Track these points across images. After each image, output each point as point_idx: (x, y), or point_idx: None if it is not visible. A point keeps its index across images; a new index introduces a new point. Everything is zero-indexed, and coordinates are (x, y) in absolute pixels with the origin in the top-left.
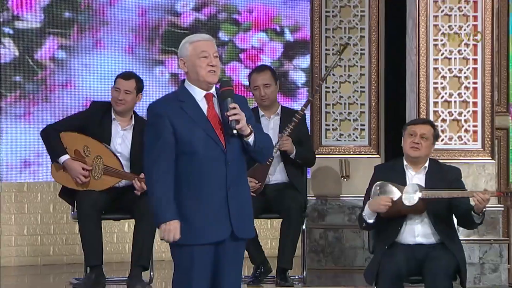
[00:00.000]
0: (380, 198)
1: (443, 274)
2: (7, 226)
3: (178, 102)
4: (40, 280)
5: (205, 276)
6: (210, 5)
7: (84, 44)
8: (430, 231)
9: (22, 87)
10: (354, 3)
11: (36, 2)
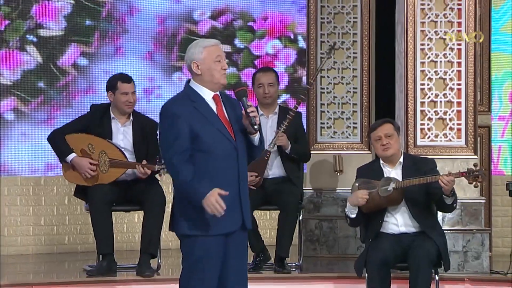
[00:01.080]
0: (357, 192)
1: (425, 260)
2: (26, 217)
3: (190, 102)
4: (56, 267)
5: (217, 266)
6: (226, 13)
7: (105, 51)
8: (410, 221)
9: (45, 93)
10: (347, 10)
11: (58, 10)
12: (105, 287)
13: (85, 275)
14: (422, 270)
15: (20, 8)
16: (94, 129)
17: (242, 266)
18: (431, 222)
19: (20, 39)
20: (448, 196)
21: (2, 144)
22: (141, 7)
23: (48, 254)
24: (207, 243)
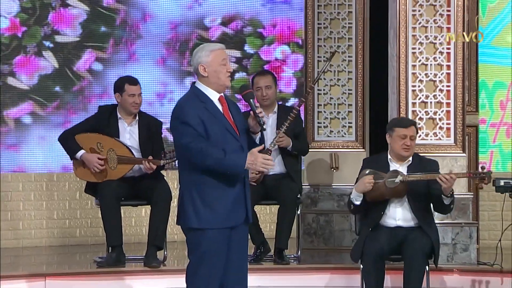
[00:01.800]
0: (364, 178)
1: (420, 253)
2: (39, 211)
3: (201, 102)
4: (68, 258)
5: (223, 257)
6: (237, 20)
7: (119, 56)
8: (409, 216)
9: (61, 97)
10: (342, 16)
11: (74, 17)
12: (114, 278)
13: (95, 266)
14: (417, 263)
15: (37, 15)
16: (102, 128)
17: (243, 258)
18: (428, 218)
19: (37, 45)
20: (447, 196)
21: (19, 146)
22: (154, 14)
23: (60, 246)
24: (214, 236)
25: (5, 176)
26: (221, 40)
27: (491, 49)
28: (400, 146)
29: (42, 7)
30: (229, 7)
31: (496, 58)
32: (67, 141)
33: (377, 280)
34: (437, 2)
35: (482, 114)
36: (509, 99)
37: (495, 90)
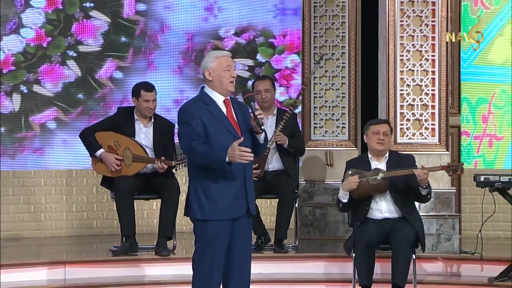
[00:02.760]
0: (349, 178)
1: (406, 242)
2: (60, 204)
3: (204, 105)
4: (86, 248)
5: (225, 246)
6: (249, 30)
7: (138, 65)
8: (393, 208)
9: (84, 103)
10: (336, 26)
11: (96, 28)
12: (128, 265)
13: (110, 254)
14: (403, 251)
15: (61, 26)
16: (120, 128)
17: (246, 247)
18: (411, 209)
19: (61, 54)
20: (423, 187)
21: (44, 150)
22: (172, 25)
23: (78, 236)
24: (216, 226)
25: (28, 173)
26: (234, 49)
27: (473, 68)
28: (375, 141)
29: (66, 19)
30: (242, 19)
31: (478, 76)
32: (87, 138)
33: (368, 267)
34: (423, 13)
35: (466, 128)
36: (491, 112)
37: (477, 106)
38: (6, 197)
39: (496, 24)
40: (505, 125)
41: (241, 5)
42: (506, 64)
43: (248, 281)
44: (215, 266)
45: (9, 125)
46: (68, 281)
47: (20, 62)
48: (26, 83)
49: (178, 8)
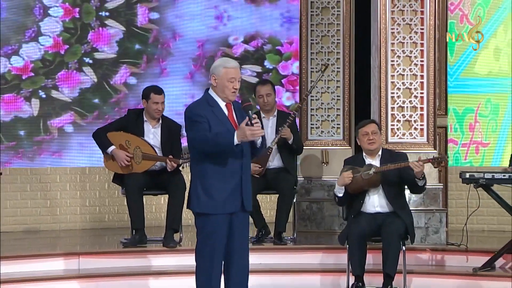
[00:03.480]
0: (343, 173)
1: (395, 235)
2: (74, 199)
3: (209, 106)
4: (98, 240)
5: (224, 238)
6: (257, 38)
7: (152, 71)
8: (385, 202)
9: (100, 108)
10: (332, 33)
11: (111, 36)
12: (137, 256)
13: (121, 246)
14: (393, 243)
15: (78, 34)
16: (130, 128)
17: (244, 240)
18: (401, 203)
19: (78, 61)
20: (420, 179)
21: (62, 152)
22: (183, 33)
23: (91, 229)
24: (215, 220)
25: (45, 170)
26: (243, 56)
27: (460, 81)
28: (366, 142)
29: (82, 27)
30: (251, 27)
31: (464, 88)
32: (100, 137)
33: (361, 258)
34: (412, 21)
35: (454, 136)
36: (477, 121)
37: (464, 116)
38: (24, 193)
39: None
40: (490, 132)
41: (249, 14)
42: (491, 75)
43: (247, 271)
44: (215, 257)
45: (29, 128)
46: (82, 271)
47: (39, 69)
48: (44, 89)
49: (189, 17)
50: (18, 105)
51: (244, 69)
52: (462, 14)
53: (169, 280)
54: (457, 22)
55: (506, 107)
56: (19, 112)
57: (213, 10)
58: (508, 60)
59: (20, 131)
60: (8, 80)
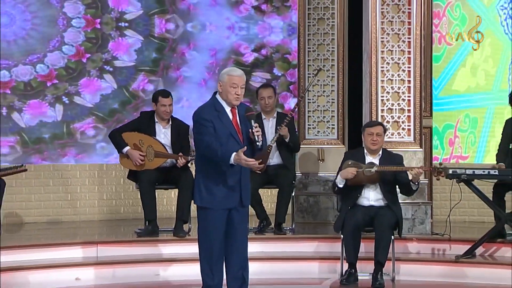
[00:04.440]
0: (349, 168)
1: (387, 226)
2: (92, 193)
3: (216, 111)
4: (114, 230)
5: (221, 231)
6: (267, 47)
7: (168, 78)
8: (380, 197)
9: (119, 113)
10: (327, 42)
11: (130, 45)
12: (150, 245)
13: (135, 235)
14: (385, 234)
15: (99, 43)
16: (143, 129)
17: (243, 233)
18: (394, 199)
19: (99, 69)
20: (415, 183)
21: (84, 154)
22: (198, 43)
23: (108, 220)
24: (213, 214)
25: (66, 166)
26: (253, 64)
27: (439, 99)
28: (369, 141)
29: (103, 37)
30: (261, 37)
31: (444, 106)
32: (115, 138)
33: (355, 247)
34: (400, 31)
35: (435, 153)
36: (456, 136)
37: (444, 132)
38: (47, 187)
39: (459, 57)
40: (469, 145)
41: (259, 24)
42: (469, 91)
43: (246, 263)
44: (214, 247)
45: (53, 132)
46: (100, 258)
47: (62, 76)
48: (67, 95)
49: (203, 28)
50: (43, 110)
51: (254, 76)
52: (440, 35)
53: (178, 266)
54: (436, 44)
55: (484, 120)
56: (44, 117)
57: (225, 21)
58: (484, 76)
59: (45, 134)
60: (34, 87)
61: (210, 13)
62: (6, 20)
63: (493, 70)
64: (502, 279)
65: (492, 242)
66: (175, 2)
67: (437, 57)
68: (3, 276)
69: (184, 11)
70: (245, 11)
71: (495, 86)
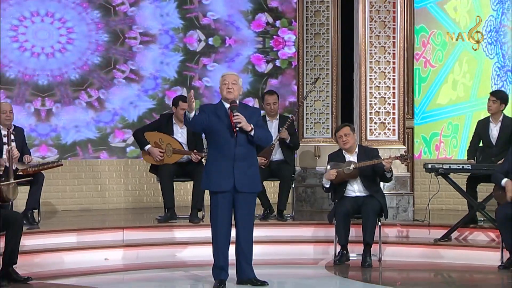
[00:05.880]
0: (329, 171)
1: (373, 212)
2: (119, 185)
3: (214, 107)
4: (138, 217)
5: (226, 215)
6: (280, 58)
7: (191, 88)
8: (362, 189)
9: (147, 119)
10: (322, 54)
11: (156, 57)
12: (169, 229)
13: (156, 221)
14: (371, 218)
15: (128, 55)
16: (163, 129)
17: (248, 217)
18: (376, 189)
19: (126, 78)
20: (388, 172)
21: (113, 153)
22: (218, 55)
23: (133, 208)
24: (217, 198)
25: (96, 161)
26: (268, 73)
27: (426, 113)
28: (341, 143)
29: (131, 49)
30: (275, 50)
31: (431, 118)
32: (138, 137)
33: (345, 231)
34: (386, 44)
35: (424, 157)
36: (441, 141)
37: (431, 139)
38: (80, 180)
39: (441, 75)
40: (452, 148)
41: (274, 39)
42: (450, 103)
43: (251, 243)
44: (219, 227)
45: (86, 136)
46: (126, 241)
47: (93, 85)
48: (99, 100)
49: (223, 42)
50: (77, 116)
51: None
52: (425, 60)
53: (193, 248)
54: (422, 68)
55: (464, 126)
56: (78, 121)
57: (241, 35)
58: (463, 88)
59: (80, 138)
60: (69, 94)
61: (229, 29)
62: (44, 35)
63: (470, 83)
64: (474, 259)
65: (465, 227)
66: (198, 18)
67: (423, 78)
68: (43, 256)
69: (206, 27)
70: (261, 27)
71: (473, 96)
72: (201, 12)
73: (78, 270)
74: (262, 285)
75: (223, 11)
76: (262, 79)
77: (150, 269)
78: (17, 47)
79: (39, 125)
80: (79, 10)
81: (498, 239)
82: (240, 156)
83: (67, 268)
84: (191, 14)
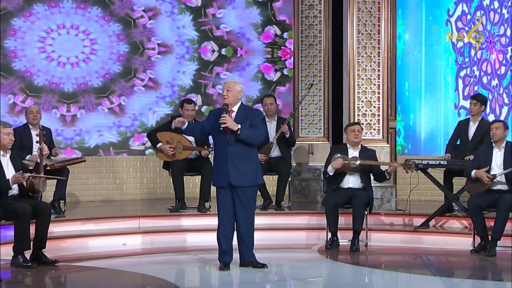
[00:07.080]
0: (337, 160)
1: (361, 204)
2: (135, 178)
3: (217, 111)
4: (152, 207)
5: (227, 208)
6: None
7: (205, 95)
8: (357, 182)
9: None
10: (315, 62)
11: (174, 65)
12: (179, 218)
13: (168, 211)
14: (360, 209)
15: (146, 64)
16: (174, 129)
17: (247, 208)
18: (368, 183)
19: (145, 86)
20: (389, 174)
21: (130, 152)
22: (230, 65)
23: (147, 199)
24: (218, 192)
25: (115, 158)
26: (277, 81)
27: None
28: (352, 136)
29: (150, 59)
30: (283, 60)
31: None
32: (151, 137)
33: (334, 220)
34: (371, 54)
35: (405, 155)
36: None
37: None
38: (101, 174)
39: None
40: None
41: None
42: None
43: (252, 232)
44: (221, 218)
45: (108, 139)
46: (141, 229)
47: (114, 92)
48: (120, 106)
49: (235, 52)
50: (99, 118)
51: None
52: None
53: (201, 235)
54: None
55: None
56: (100, 126)
57: (252, 46)
58: None
59: (101, 141)
60: (91, 101)
61: (240, 40)
62: (70, 46)
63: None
64: (450, 244)
65: (442, 216)
66: (212, 31)
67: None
68: (68, 242)
69: (219, 38)
70: (269, 39)
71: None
72: (214, 25)
73: (100, 254)
74: (262, 267)
75: (235, 24)
76: (271, 87)
77: (163, 253)
78: (45, 57)
79: (64, 130)
80: (101, 23)
81: (471, 227)
82: (233, 154)
83: (90, 252)
84: (205, 26)
